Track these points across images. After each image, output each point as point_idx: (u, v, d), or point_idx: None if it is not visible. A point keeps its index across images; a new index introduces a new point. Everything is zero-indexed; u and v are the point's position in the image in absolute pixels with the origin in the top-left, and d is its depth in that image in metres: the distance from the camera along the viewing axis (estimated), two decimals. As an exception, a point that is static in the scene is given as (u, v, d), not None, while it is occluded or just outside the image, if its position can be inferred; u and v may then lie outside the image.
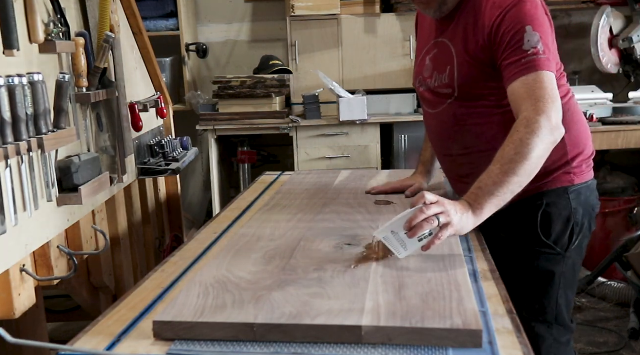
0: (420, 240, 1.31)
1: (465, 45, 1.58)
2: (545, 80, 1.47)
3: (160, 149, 2.51)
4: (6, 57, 1.44)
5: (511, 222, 1.64)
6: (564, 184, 1.64)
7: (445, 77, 1.63)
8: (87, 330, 1.13)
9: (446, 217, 1.31)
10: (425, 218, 1.29)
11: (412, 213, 1.30)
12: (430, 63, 1.70)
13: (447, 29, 1.64)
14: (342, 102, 3.64)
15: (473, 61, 1.57)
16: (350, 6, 3.86)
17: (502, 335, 1.05)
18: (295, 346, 1.02)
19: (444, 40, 1.65)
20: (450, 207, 1.33)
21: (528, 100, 1.45)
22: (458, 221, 1.34)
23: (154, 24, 3.92)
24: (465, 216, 1.36)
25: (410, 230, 1.30)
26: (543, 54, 1.49)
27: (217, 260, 1.37)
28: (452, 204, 1.35)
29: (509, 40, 1.50)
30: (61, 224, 1.68)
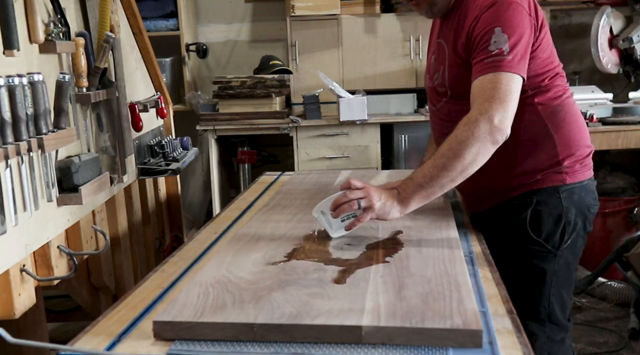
0: (343, 221, 1.44)
1: (454, 45, 1.61)
2: (502, 81, 1.47)
3: (160, 149, 2.51)
4: (6, 57, 1.44)
5: (503, 220, 1.69)
6: (554, 183, 1.65)
7: (439, 76, 1.67)
8: (87, 330, 1.13)
9: (367, 202, 1.43)
10: (346, 201, 1.42)
11: (336, 196, 1.44)
12: (433, 62, 1.74)
13: (444, 30, 1.68)
14: (342, 102, 3.64)
15: (460, 61, 1.60)
16: (350, 6, 3.86)
17: (502, 335, 1.05)
18: (295, 346, 1.02)
19: (441, 41, 1.70)
20: (373, 193, 1.43)
21: (477, 99, 1.47)
22: (380, 207, 1.44)
23: (154, 24, 3.92)
24: (388, 203, 1.45)
25: (334, 211, 1.44)
26: (507, 55, 1.48)
27: (217, 260, 1.37)
28: (378, 191, 1.45)
29: (478, 41, 1.53)
30: (61, 224, 1.68)
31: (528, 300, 1.67)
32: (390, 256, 1.37)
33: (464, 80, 1.56)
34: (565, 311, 1.72)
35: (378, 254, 1.39)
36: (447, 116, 1.68)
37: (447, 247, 1.42)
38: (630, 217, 3.64)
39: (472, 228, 1.70)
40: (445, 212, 1.75)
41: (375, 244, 1.47)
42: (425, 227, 1.59)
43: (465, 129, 1.44)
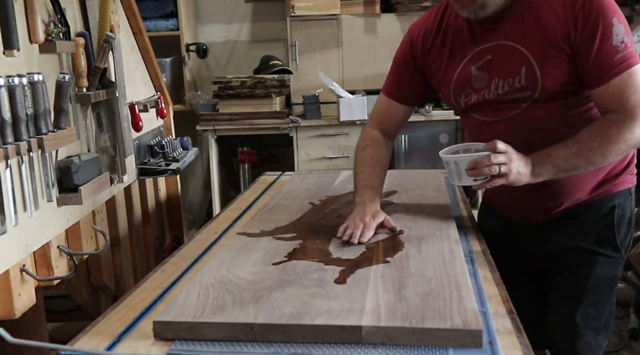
0: (475, 180, 1.41)
1: (541, 39, 1.44)
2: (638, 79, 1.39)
3: (160, 149, 2.51)
4: (6, 57, 1.44)
5: (580, 226, 1.59)
6: (627, 185, 1.60)
7: (520, 79, 1.47)
8: (87, 330, 1.13)
9: (506, 169, 1.37)
10: (488, 164, 1.37)
11: (480, 156, 1.39)
12: (480, 72, 1.53)
13: (500, 30, 1.49)
14: (342, 102, 3.64)
15: (555, 54, 1.43)
16: (350, 6, 3.85)
17: (502, 335, 1.05)
18: (295, 346, 1.02)
19: (502, 43, 1.49)
20: (515, 161, 1.38)
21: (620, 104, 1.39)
22: (515, 175, 1.39)
23: (154, 24, 3.92)
24: (522, 172, 1.40)
25: (472, 170, 1.39)
26: (630, 46, 1.40)
27: (217, 260, 1.37)
28: (518, 158, 1.39)
29: (599, 37, 1.39)
30: (61, 224, 1.68)
31: (593, 308, 1.59)
32: (391, 256, 1.37)
33: (561, 75, 1.44)
34: (613, 319, 1.67)
35: (378, 254, 1.39)
36: (529, 124, 1.50)
37: (447, 247, 1.42)
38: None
39: (472, 228, 1.70)
40: (446, 212, 1.75)
41: (375, 244, 1.47)
42: (425, 227, 1.59)
43: (618, 131, 1.38)
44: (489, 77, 1.52)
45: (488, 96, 1.53)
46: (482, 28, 1.52)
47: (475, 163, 1.39)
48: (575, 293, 1.59)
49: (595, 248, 1.58)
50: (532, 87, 1.47)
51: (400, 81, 1.70)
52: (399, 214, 1.73)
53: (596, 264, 1.58)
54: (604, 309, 1.61)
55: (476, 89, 1.55)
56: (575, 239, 1.59)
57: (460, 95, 1.59)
